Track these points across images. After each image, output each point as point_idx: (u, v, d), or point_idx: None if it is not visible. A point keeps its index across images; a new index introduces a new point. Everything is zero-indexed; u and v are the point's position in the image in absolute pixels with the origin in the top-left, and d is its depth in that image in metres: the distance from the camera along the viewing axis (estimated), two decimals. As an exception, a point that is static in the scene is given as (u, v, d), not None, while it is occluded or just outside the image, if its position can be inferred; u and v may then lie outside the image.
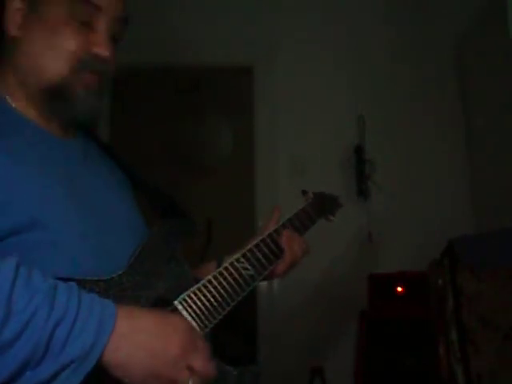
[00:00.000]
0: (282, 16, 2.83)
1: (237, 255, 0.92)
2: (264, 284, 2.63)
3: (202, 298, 0.83)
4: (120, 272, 0.79)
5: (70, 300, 0.64)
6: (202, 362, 0.72)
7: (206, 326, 0.82)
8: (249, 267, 0.92)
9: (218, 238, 3.46)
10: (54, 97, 0.85)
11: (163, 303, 0.80)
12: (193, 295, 0.82)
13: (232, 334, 2.59)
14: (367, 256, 2.58)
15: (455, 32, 2.77)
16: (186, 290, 0.82)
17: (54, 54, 0.84)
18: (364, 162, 2.67)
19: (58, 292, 0.64)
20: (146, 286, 0.80)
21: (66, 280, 0.69)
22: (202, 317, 0.82)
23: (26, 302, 0.61)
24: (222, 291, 0.86)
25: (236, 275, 0.89)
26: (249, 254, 0.94)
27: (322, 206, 1.22)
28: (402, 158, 2.72)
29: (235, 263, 0.91)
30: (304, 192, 1.21)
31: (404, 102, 2.77)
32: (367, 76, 2.79)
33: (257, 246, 0.97)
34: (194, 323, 0.80)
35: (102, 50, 0.86)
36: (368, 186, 2.66)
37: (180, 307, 0.80)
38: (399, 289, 2.37)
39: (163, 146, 4.01)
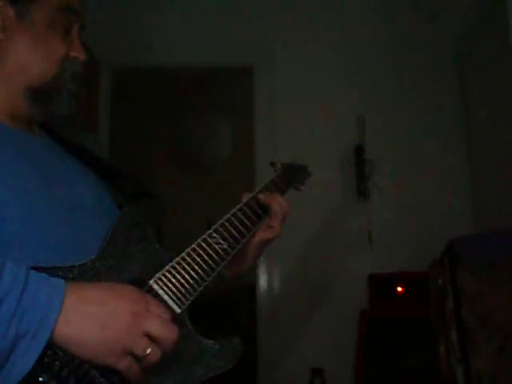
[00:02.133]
0: (282, 16, 2.83)
1: (208, 231, 0.93)
2: (264, 284, 2.63)
3: (177, 275, 0.83)
4: (93, 257, 0.80)
5: (17, 276, 0.65)
6: (158, 325, 0.72)
7: (183, 304, 0.82)
8: (221, 241, 0.92)
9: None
10: (39, 98, 0.91)
11: (138, 284, 0.80)
12: (167, 273, 0.83)
13: (232, 334, 2.59)
14: (367, 256, 2.58)
15: (455, 32, 2.77)
16: (160, 269, 0.83)
17: (42, 58, 0.89)
18: (364, 161, 2.67)
19: (6, 268, 0.65)
20: (119, 268, 0.81)
21: (37, 268, 0.69)
22: (179, 294, 0.82)
23: None
24: (196, 267, 0.86)
25: (209, 250, 0.90)
26: (221, 229, 0.95)
27: (291, 176, 1.22)
28: (402, 158, 2.72)
29: (208, 239, 0.91)
30: (272, 164, 1.21)
31: (404, 101, 2.77)
32: (367, 76, 2.78)
33: (228, 220, 0.97)
34: (170, 301, 0.81)
35: (80, 54, 0.94)
36: (368, 186, 2.66)
37: (156, 286, 0.81)
38: (399, 289, 2.37)
39: (163, 145, 4.01)
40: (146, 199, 0.96)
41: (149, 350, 0.70)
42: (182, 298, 0.82)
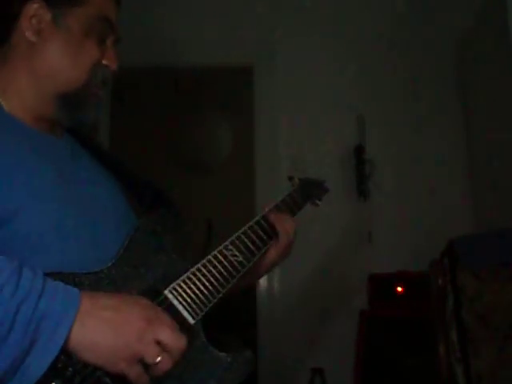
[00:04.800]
0: (282, 16, 2.83)
1: (225, 242, 0.93)
2: (264, 284, 2.63)
3: (192, 286, 0.83)
4: (109, 264, 0.80)
5: (34, 280, 0.65)
6: (169, 333, 0.72)
7: (197, 314, 0.82)
8: (237, 254, 0.92)
9: (218, 238, 3.46)
10: (68, 103, 0.90)
11: (153, 293, 0.80)
12: (183, 284, 0.83)
13: (232, 335, 2.59)
14: (367, 256, 2.58)
15: (455, 32, 2.77)
16: (176, 279, 0.83)
17: (75, 64, 0.89)
18: (364, 161, 2.67)
19: (24, 272, 0.65)
20: (135, 277, 0.81)
21: (54, 274, 0.70)
22: (193, 305, 0.82)
23: None
24: (211, 279, 0.86)
25: (225, 262, 0.90)
26: (237, 241, 0.94)
27: (308, 191, 1.22)
28: (402, 158, 2.72)
29: (224, 250, 0.91)
30: (290, 178, 1.22)
31: (404, 101, 2.77)
32: (367, 76, 2.78)
33: (245, 232, 0.97)
34: (185, 312, 0.81)
35: (112, 63, 0.94)
36: (368, 186, 2.66)
37: (170, 296, 0.81)
38: (399, 289, 2.37)
39: (163, 145, 4.01)
40: (163, 208, 0.96)
41: (159, 358, 0.70)
42: (197, 309, 0.82)
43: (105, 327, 0.68)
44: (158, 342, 0.71)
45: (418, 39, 2.81)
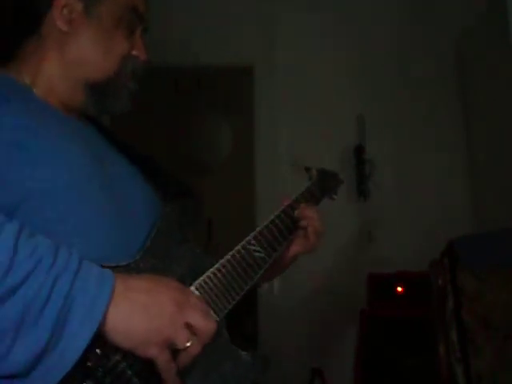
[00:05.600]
0: (282, 16, 2.83)
1: (248, 238, 0.92)
2: (264, 284, 2.62)
3: (218, 283, 0.83)
4: (137, 257, 0.79)
5: (71, 257, 0.66)
6: (199, 317, 0.71)
7: (221, 311, 0.82)
8: (260, 249, 0.92)
9: (218, 238, 3.46)
10: (97, 92, 0.91)
11: None
12: (208, 280, 0.82)
13: (231, 335, 2.59)
14: (367, 256, 2.58)
15: (455, 32, 2.77)
16: (200, 274, 0.82)
17: (105, 54, 0.90)
18: (364, 161, 2.67)
19: (60, 248, 0.66)
20: (162, 269, 0.80)
21: None
22: (218, 302, 0.82)
23: (30, 251, 0.62)
24: (235, 276, 0.86)
25: (248, 258, 0.89)
26: (260, 236, 0.94)
27: (325, 183, 1.20)
28: (402, 158, 2.72)
29: (247, 245, 0.90)
30: (307, 169, 1.19)
31: (404, 101, 2.77)
32: (367, 76, 2.79)
33: (267, 227, 0.96)
34: (210, 310, 0.80)
35: (142, 54, 0.95)
36: (368, 186, 2.66)
37: (197, 293, 0.80)
38: (399, 289, 2.37)
39: (163, 145, 4.01)
40: (187, 199, 0.96)
41: (190, 342, 0.70)
42: (221, 306, 0.82)
43: (138, 310, 0.67)
44: (188, 325, 0.70)
45: (418, 39, 2.81)
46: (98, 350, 0.66)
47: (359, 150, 2.68)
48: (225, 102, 3.98)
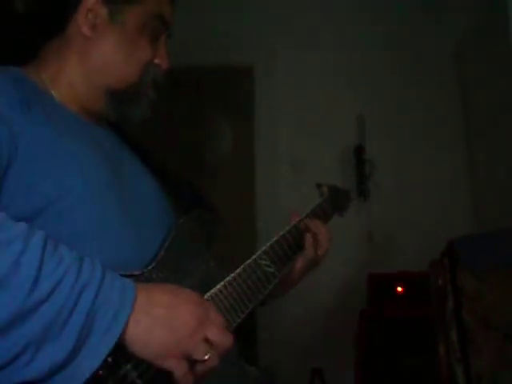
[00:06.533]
0: (282, 16, 2.83)
1: (259, 252, 0.93)
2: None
3: (229, 296, 0.83)
4: (150, 267, 0.79)
5: (95, 269, 0.66)
6: (217, 331, 0.72)
7: (231, 326, 0.82)
8: (270, 264, 0.92)
9: (218, 238, 3.46)
10: (118, 99, 0.91)
11: None
12: (219, 293, 0.82)
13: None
14: (367, 256, 2.58)
15: (455, 32, 2.77)
16: (211, 287, 0.82)
17: (128, 61, 0.90)
18: (364, 161, 2.67)
19: (84, 261, 0.66)
20: (174, 282, 0.80)
21: None
22: (228, 316, 0.82)
23: (55, 265, 0.62)
24: (246, 289, 0.86)
25: (259, 272, 0.90)
26: (270, 251, 0.94)
27: (336, 200, 1.21)
28: (402, 158, 2.72)
29: (258, 260, 0.91)
30: (318, 186, 1.19)
31: (404, 101, 2.77)
32: (367, 76, 2.79)
33: (277, 242, 0.97)
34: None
35: (164, 62, 0.95)
36: (368, 186, 2.66)
37: None
38: (399, 289, 2.37)
39: (163, 146, 4.00)
40: (202, 211, 0.95)
41: (208, 355, 0.70)
42: (231, 320, 0.82)
43: (159, 325, 0.68)
44: (207, 340, 0.71)
45: (418, 39, 2.81)
46: (109, 359, 0.66)
47: (359, 150, 2.68)
48: (225, 102, 3.97)
